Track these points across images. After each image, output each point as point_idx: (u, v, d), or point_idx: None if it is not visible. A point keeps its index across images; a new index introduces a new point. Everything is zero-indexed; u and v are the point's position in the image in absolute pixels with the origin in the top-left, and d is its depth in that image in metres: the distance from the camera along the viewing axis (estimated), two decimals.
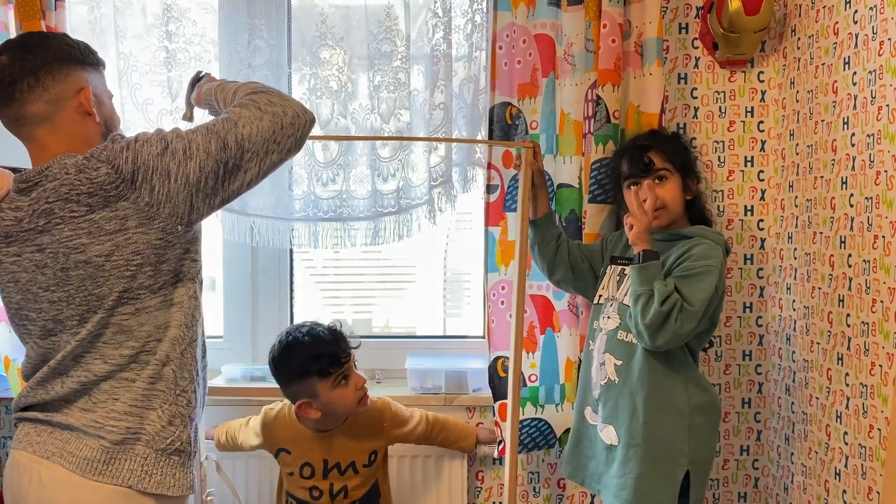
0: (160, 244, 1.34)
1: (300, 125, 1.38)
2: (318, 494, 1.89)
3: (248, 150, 1.33)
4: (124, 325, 1.34)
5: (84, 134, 1.40)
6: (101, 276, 1.32)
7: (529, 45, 2.06)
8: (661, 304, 1.62)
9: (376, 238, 2.13)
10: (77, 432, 1.36)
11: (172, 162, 1.31)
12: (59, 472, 1.33)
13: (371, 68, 2.10)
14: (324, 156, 2.12)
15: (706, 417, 1.76)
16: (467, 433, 2.09)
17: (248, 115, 1.34)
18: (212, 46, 2.17)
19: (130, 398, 1.36)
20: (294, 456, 1.90)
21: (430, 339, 2.43)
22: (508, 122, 2.07)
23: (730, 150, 2.21)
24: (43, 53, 1.36)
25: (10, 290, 1.40)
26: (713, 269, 1.69)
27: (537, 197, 1.94)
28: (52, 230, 1.32)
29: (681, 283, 1.67)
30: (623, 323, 1.79)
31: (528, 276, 2.05)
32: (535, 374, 2.11)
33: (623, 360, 1.78)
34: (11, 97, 1.35)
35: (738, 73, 2.20)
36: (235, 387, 2.20)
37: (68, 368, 1.37)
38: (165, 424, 1.37)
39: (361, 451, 1.89)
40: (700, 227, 1.81)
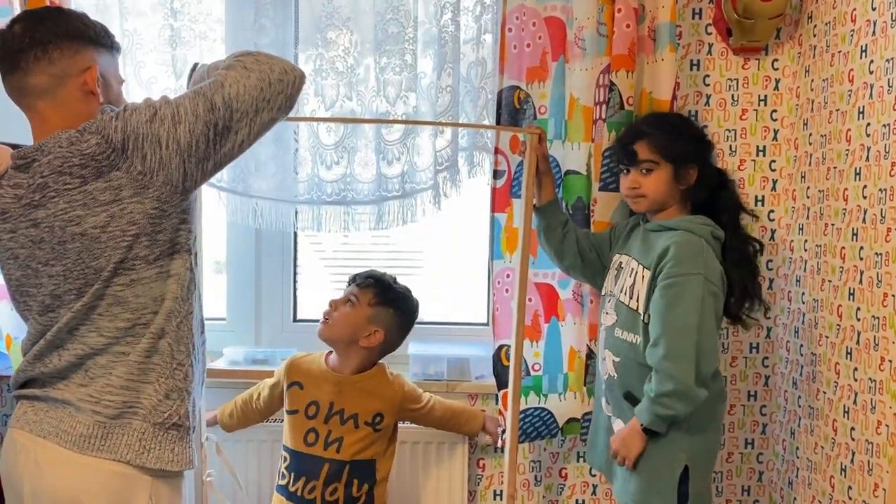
0: (156, 213, 1.32)
1: (289, 81, 1.35)
2: (314, 440, 1.88)
3: (237, 110, 1.31)
4: (119, 297, 1.33)
5: (86, 112, 1.38)
6: (98, 248, 1.31)
7: (539, 28, 2.02)
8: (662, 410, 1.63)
9: (380, 222, 2.11)
10: (72, 408, 1.35)
11: (162, 128, 1.29)
12: (56, 450, 1.33)
13: (378, 50, 2.07)
14: (329, 138, 2.09)
15: (707, 410, 1.71)
16: (474, 415, 2.09)
17: (234, 76, 1.32)
18: (217, 25, 2.14)
19: (126, 372, 1.35)
20: (305, 391, 1.91)
21: (433, 326, 2.40)
22: (516, 107, 2.03)
23: (741, 138, 2.17)
24: (55, 27, 1.35)
25: (9, 266, 1.39)
26: (691, 277, 1.63)
27: (542, 183, 1.91)
28: (46, 204, 1.31)
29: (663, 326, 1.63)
30: (619, 319, 1.77)
31: (533, 264, 2.03)
32: (539, 363, 2.09)
33: (620, 357, 1.77)
34: (17, 66, 1.34)
35: (751, 61, 2.15)
36: (237, 369, 2.20)
37: (64, 341, 1.36)
38: (162, 398, 1.37)
39: (368, 408, 1.88)
40: (686, 219, 1.74)
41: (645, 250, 1.75)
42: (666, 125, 1.79)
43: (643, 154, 1.76)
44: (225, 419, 2.06)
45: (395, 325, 1.91)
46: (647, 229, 1.79)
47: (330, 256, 2.46)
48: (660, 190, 1.75)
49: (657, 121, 1.83)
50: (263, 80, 1.33)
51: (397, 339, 1.95)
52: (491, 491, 2.25)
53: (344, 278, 2.02)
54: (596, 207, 2.00)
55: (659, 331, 1.64)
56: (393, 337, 1.92)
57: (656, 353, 1.64)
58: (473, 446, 2.22)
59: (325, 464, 1.87)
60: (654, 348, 1.65)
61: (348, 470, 1.87)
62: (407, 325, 1.95)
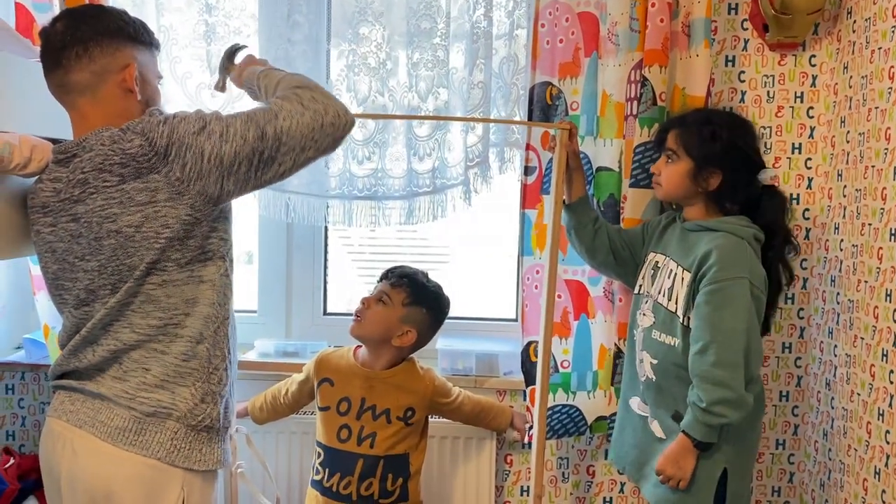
0: (189, 220, 1.35)
1: (340, 125, 1.37)
2: (347, 436, 1.88)
3: (285, 144, 1.33)
4: (152, 295, 1.36)
5: (124, 109, 1.41)
6: (132, 247, 1.33)
7: (572, 24, 2.01)
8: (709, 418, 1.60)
9: (410, 218, 2.11)
10: (108, 402, 1.38)
11: (208, 142, 1.32)
12: (91, 440, 1.36)
13: (410, 45, 2.07)
14: (360, 133, 2.10)
15: (749, 412, 1.66)
16: (502, 411, 2.08)
17: (290, 109, 1.34)
18: (251, 20, 2.16)
19: (162, 372, 1.37)
20: (336, 387, 1.92)
21: (462, 321, 2.41)
22: (548, 103, 2.02)
23: (777, 136, 2.14)
24: (96, 25, 1.38)
25: (47, 259, 1.43)
26: (737, 281, 1.60)
27: (572, 180, 1.90)
28: (86, 199, 1.34)
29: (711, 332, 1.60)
30: (657, 322, 1.75)
31: (563, 261, 2.02)
32: (568, 360, 2.08)
33: (658, 359, 1.75)
34: (59, 63, 1.38)
35: (788, 57, 2.12)
36: (268, 361, 2.22)
37: (98, 337, 1.39)
38: (198, 402, 1.39)
39: (399, 402, 1.88)
40: (727, 220, 1.70)
41: (684, 251, 1.72)
42: (704, 123, 1.72)
43: (669, 142, 1.75)
44: (255, 412, 2.08)
45: (427, 323, 1.92)
46: (684, 228, 1.76)
47: (357, 251, 2.47)
48: (673, 182, 1.73)
49: (701, 117, 1.77)
50: (317, 120, 1.34)
51: (429, 336, 1.95)
52: (518, 487, 2.25)
53: (371, 272, 2.02)
54: (626, 204, 1.99)
55: (707, 337, 1.60)
56: (425, 335, 1.93)
57: (704, 361, 1.60)
58: (501, 442, 2.23)
59: (360, 459, 1.87)
60: (700, 356, 1.61)
61: (382, 465, 1.87)
62: (438, 323, 1.95)
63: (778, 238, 1.72)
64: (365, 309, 1.90)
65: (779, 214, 1.73)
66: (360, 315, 1.90)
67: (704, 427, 1.60)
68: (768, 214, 1.72)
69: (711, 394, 1.58)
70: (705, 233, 1.70)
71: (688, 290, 1.67)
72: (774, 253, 1.71)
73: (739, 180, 1.72)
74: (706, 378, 1.59)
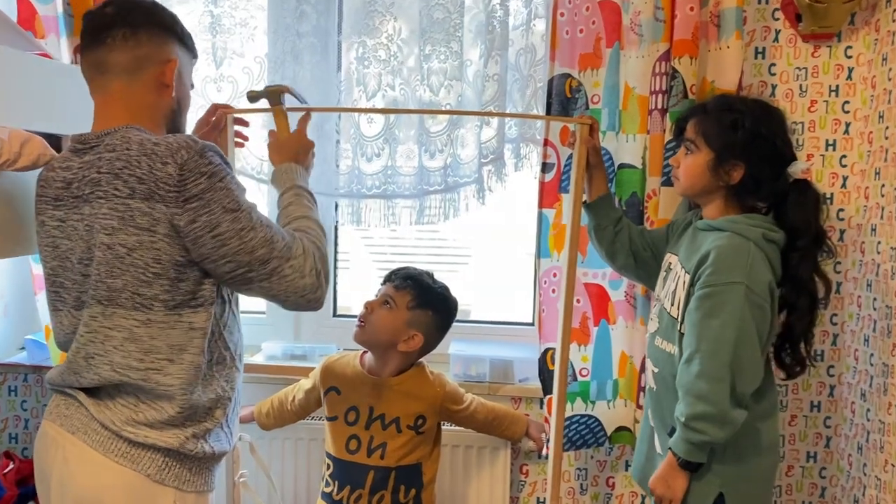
0: (182, 261, 1.29)
1: (308, 305, 1.37)
2: (356, 447, 1.81)
3: (269, 285, 1.33)
4: (135, 333, 1.29)
5: (153, 103, 1.39)
6: (119, 268, 1.28)
7: (593, 13, 1.90)
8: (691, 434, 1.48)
9: (421, 217, 2.03)
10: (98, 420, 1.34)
11: (227, 225, 1.29)
12: (82, 448, 1.32)
13: (422, 37, 1.99)
14: (370, 129, 2.02)
15: (747, 432, 1.53)
16: (517, 419, 1.98)
17: (301, 266, 1.34)
18: (258, 12, 2.09)
19: (153, 416, 1.31)
20: (343, 396, 1.84)
21: (476, 325, 2.32)
22: (568, 96, 1.92)
23: (810, 132, 2.02)
24: (149, 15, 1.38)
25: (46, 254, 1.38)
26: (731, 287, 1.46)
27: (593, 178, 1.80)
28: (93, 202, 1.29)
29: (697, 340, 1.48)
30: (660, 327, 1.64)
31: (582, 264, 1.93)
32: (587, 367, 1.98)
33: (659, 367, 1.64)
34: (102, 41, 1.34)
35: (822, 48, 2.00)
36: (275, 364, 2.16)
37: (81, 369, 1.33)
38: (189, 437, 1.34)
39: (409, 410, 1.80)
40: (734, 219, 1.56)
41: (690, 252, 1.60)
42: (726, 110, 1.59)
43: (689, 132, 1.63)
44: (262, 418, 2.01)
45: (434, 327, 1.83)
46: (696, 227, 1.64)
47: (372, 251, 2.40)
48: (691, 174, 1.60)
49: (723, 103, 1.63)
50: (305, 291, 1.35)
51: (436, 340, 1.86)
52: (534, 498, 2.16)
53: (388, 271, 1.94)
54: (650, 203, 1.89)
55: (693, 346, 1.49)
56: (432, 339, 1.84)
57: (689, 371, 1.49)
58: (516, 452, 2.14)
59: (370, 471, 1.79)
60: (686, 365, 1.50)
61: (394, 476, 1.79)
62: (446, 325, 1.86)
63: (805, 238, 1.55)
64: (368, 314, 1.81)
65: (809, 212, 1.57)
66: (364, 320, 1.81)
67: (686, 444, 1.48)
68: (797, 212, 1.56)
69: (692, 408, 1.46)
70: (712, 232, 1.57)
71: (686, 294, 1.56)
72: (800, 255, 1.55)
73: (764, 173, 1.56)
74: (688, 391, 1.48)
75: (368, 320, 1.81)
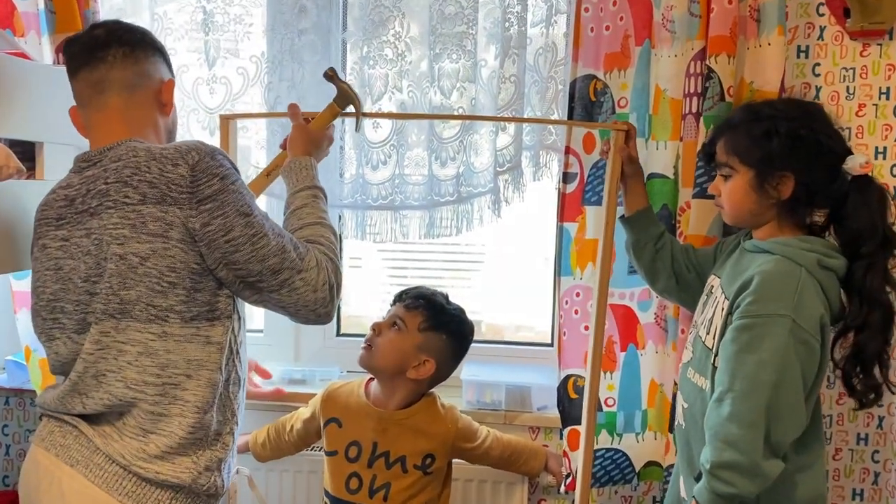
0: (198, 269, 1.25)
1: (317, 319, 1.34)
2: (357, 486, 1.66)
3: (277, 293, 1.29)
4: (150, 347, 1.25)
5: (153, 121, 1.39)
6: (132, 279, 1.23)
7: (621, 8, 1.74)
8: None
9: (431, 230, 1.88)
10: (103, 452, 1.27)
11: (240, 229, 1.25)
12: (83, 483, 1.25)
13: (432, 35, 1.83)
14: (375, 135, 1.86)
15: (784, 486, 1.35)
16: (534, 453, 1.81)
17: (313, 280, 1.30)
18: (253, 8, 1.94)
19: (165, 444, 1.26)
20: (344, 429, 1.70)
21: (491, 346, 2.15)
22: (592, 99, 1.75)
23: (857, 138, 1.85)
24: (141, 37, 1.39)
25: (47, 278, 1.32)
26: (774, 319, 1.28)
27: (629, 189, 1.63)
28: (101, 214, 1.25)
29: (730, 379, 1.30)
30: (694, 358, 1.46)
31: (609, 283, 1.75)
32: (613, 397, 1.81)
33: (689, 403, 1.47)
34: (102, 59, 1.34)
35: (872, 46, 1.83)
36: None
37: (89, 388, 1.27)
38: (202, 471, 1.29)
39: (416, 449, 1.65)
40: (785, 240, 1.38)
41: (733, 275, 1.41)
42: (753, 120, 1.41)
43: (720, 155, 1.44)
44: (257, 448, 1.85)
45: (447, 353, 1.67)
46: (743, 248, 1.46)
47: (383, 256, 2.25)
48: (734, 201, 1.41)
49: (746, 113, 1.45)
50: (315, 305, 1.31)
51: (450, 368, 1.71)
52: None
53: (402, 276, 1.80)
54: (683, 217, 1.72)
55: (725, 384, 1.31)
56: (445, 367, 1.68)
57: (719, 413, 1.30)
58: (534, 486, 1.97)
59: None
60: (716, 405, 1.32)
61: None
62: (461, 351, 1.71)
63: (871, 242, 1.35)
64: (375, 336, 1.66)
65: (874, 211, 1.37)
66: (371, 342, 1.66)
67: (711, 495, 1.29)
68: (859, 213, 1.36)
69: (719, 455, 1.28)
70: (760, 255, 1.38)
71: (723, 323, 1.37)
72: (867, 263, 1.35)
73: (817, 177, 1.37)
74: (716, 434, 1.29)
75: (375, 343, 1.65)
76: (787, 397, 1.28)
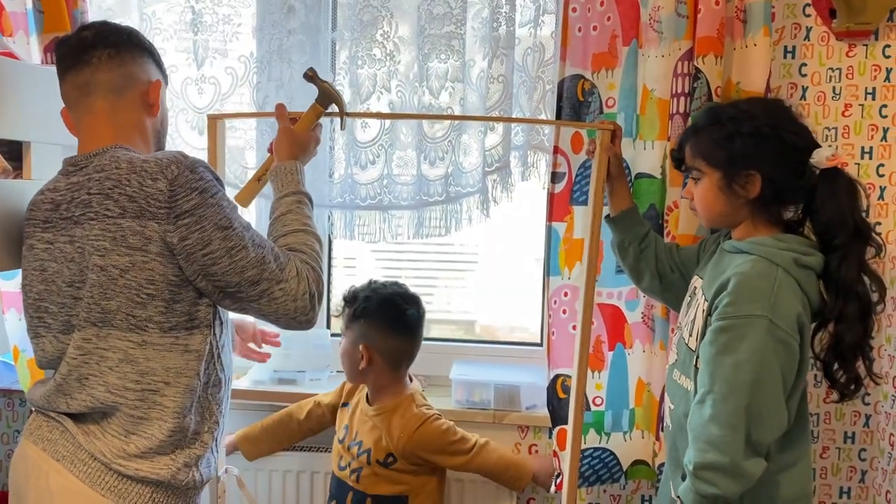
0: (176, 281, 1.27)
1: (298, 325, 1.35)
2: (344, 465, 1.78)
3: (256, 302, 1.31)
4: (130, 355, 1.27)
5: (140, 123, 1.39)
6: (112, 290, 1.25)
7: (608, 8, 1.74)
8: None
9: (420, 230, 1.88)
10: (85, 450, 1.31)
11: (218, 242, 1.26)
12: (68, 479, 1.28)
13: (421, 35, 1.83)
14: (363, 135, 1.86)
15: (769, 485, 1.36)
16: (520, 473, 1.79)
17: (293, 290, 1.31)
18: (242, 7, 1.94)
19: (145, 445, 1.29)
20: (345, 413, 1.83)
21: (480, 346, 2.16)
22: (580, 99, 1.76)
23: (844, 138, 1.86)
24: (128, 37, 1.39)
25: (33, 278, 1.34)
26: (751, 320, 1.28)
27: (614, 190, 1.63)
28: (84, 224, 1.27)
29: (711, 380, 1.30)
30: (679, 360, 1.46)
31: (597, 283, 1.75)
32: (601, 396, 1.82)
33: (675, 404, 1.47)
34: (87, 62, 1.35)
35: (858, 47, 1.84)
36: (261, 390, 2.02)
37: (73, 390, 1.30)
38: (181, 467, 1.32)
39: (378, 445, 1.72)
40: (762, 240, 1.37)
41: (714, 276, 1.41)
42: (716, 121, 1.41)
43: (688, 160, 1.44)
44: (247, 444, 1.89)
45: (379, 334, 1.72)
46: (723, 249, 1.46)
47: (377, 256, 2.26)
48: (706, 203, 1.42)
49: (709, 116, 1.45)
50: (296, 314, 1.33)
51: (397, 345, 1.74)
52: None
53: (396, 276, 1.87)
54: (670, 217, 1.73)
55: (706, 386, 1.31)
56: (384, 346, 1.72)
57: (701, 414, 1.30)
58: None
59: (350, 491, 1.75)
60: (698, 406, 1.32)
61: (370, 503, 1.73)
62: (396, 327, 1.73)
63: (842, 234, 1.35)
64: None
65: (842, 202, 1.35)
66: None
67: (695, 495, 1.29)
68: (828, 205, 1.36)
69: (701, 456, 1.28)
70: (738, 255, 1.38)
71: (703, 325, 1.37)
72: (841, 255, 1.34)
73: (782, 173, 1.37)
74: (699, 436, 1.30)
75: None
76: (767, 397, 1.28)
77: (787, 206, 1.42)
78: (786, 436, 1.34)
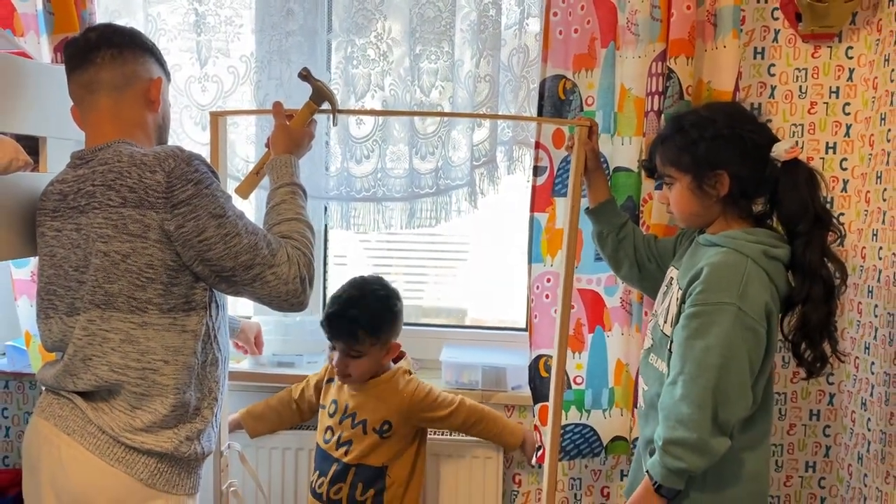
0: (174, 265, 1.36)
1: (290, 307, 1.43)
2: (330, 437, 1.87)
3: (250, 286, 1.39)
4: (132, 335, 1.36)
5: (142, 119, 1.47)
6: (115, 274, 1.34)
7: (588, 12, 1.85)
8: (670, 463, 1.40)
9: (412, 220, 1.99)
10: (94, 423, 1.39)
11: (213, 230, 1.35)
12: (78, 450, 1.36)
13: (413, 36, 1.94)
14: (359, 130, 1.96)
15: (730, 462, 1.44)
16: (514, 431, 1.95)
17: (284, 274, 1.40)
18: (244, 10, 2.03)
19: (149, 420, 1.38)
20: (333, 388, 1.91)
21: (469, 330, 2.27)
22: (561, 98, 1.87)
23: (809, 134, 1.98)
24: (130, 38, 1.47)
25: (44, 263, 1.44)
26: (720, 308, 1.37)
27: (592, 182, 1.74)
28: (89, 213, 1.36)
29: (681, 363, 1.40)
30: (654, 345, 1.57)
31: (577, 270, 1.87)
32: (582, 375, 1.93)
33: (648, 386, 1.58)
34: (91, 62, 1.43)
35: (823, 49, 1.96)
36: (261, 372, 2.11)
37: (78, 370, 1.38)
38: (182, 440, 1.41)
39: (376, 414, 1.82)
40: (732, 233, 1.47)
41: (688, 267, 1.52)
42: (679, 129, 1.50)
43: (660, 168, 1.55)
44: (250, 421, 1.98)
45: (395, 331, 1.86)
46: (698, 242, 1.56)
47: (368, 250, 2.36)
48: (681, 205, 1.52)
49: (673, 126, 1.54)
50: (288, 296, 1.41)
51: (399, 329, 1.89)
52: None
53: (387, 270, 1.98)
54: (646, 207, 1.84)
55: (677, 367, 1.42)
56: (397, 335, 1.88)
57: (672, 394, 1.41)
58: (509, 460, 2.09)
59: (334, 463, 1.85)
60: (670, 387, 1.43)
61: (353, 473, 1.83)
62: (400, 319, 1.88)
63: (804, 221, 1.44)
64: (345, 367, 1.82)
65: (802, 191, 1.44)
66: (344, 373, 1.83)
67: (663, 469, 1.40)
68: (789, 195, 1.45)
69: (670, 432, 1.38)
70: (710, 248, 1.49)
71: (677, 312, 1.48)
72: (805, 241, 1.43)
73: (746, 169, 1.46)
74: (669, 414, 1.40)
75: (351, 371, 1.82)
76: (734, 379, 1.38)
77: (755, 199, 1.52)
78: (749, 417, 1.44)
